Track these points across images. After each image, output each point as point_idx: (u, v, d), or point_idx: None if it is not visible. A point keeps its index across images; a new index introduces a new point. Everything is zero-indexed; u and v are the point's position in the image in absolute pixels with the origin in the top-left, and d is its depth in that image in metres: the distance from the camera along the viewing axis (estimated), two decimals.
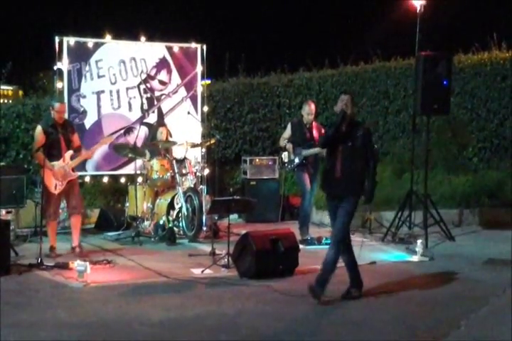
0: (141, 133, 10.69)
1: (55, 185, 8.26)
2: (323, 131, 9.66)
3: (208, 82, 13.04)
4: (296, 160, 9.35)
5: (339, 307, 6.28)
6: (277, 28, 23.49)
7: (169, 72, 11.00)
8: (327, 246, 8.98)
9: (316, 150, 9.20)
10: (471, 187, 11.21)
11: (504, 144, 12.19)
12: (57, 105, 8.38)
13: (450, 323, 5.81)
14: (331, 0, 24.13)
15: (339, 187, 6.52)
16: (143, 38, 10.91)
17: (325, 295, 6.39)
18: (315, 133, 9.44)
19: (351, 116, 6.67)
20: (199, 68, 11.12)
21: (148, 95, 10.91)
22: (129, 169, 10.52)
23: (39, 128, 8.33)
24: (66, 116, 10.19)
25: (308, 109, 9.40)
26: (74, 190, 8.43)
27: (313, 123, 9.54)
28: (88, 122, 10.47)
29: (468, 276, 7.52)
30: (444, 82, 9.44)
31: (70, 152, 8.35)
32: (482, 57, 12.49)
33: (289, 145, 9.45)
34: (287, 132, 9.55)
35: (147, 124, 10.87)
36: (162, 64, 10.97)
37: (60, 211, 9.74)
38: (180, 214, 9.71)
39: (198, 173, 10.08)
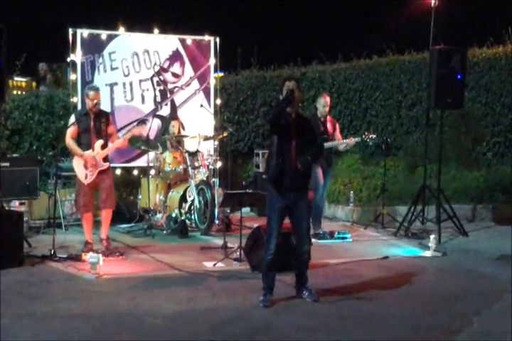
0: (153, 126, 10.69)
1: (85, 175, 8.10)
2: (337, 125, 9.64)
3: (221, 74, 13.02)
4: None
5: (350, 301, 6.26)
6: (290, 21, 23.40)
7: (182, 64, 10.99)
8: (340, 241, 9.09)
9: (329, 143, 9.17)
10: (485, 183, 11.17)
11: None
12: (91, 93, 8.15)
13: (463, 319, 5.80)
14: None
15: (295, 182, 6.20)
16: (156, 30, 10.89)
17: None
18: (329, 126, 9.40)
19: (298, 102, 6.41)
20: (212, 61, 11.10)
21: (162, 87, 10.91)
22: (141, 161, 10.53)
23: (72, 118, 8.25)
24: (79, 108, 10.30)
25: (324, 102, 9.35)
26: (105, 183, 8.22)
27: (327, 116, 9.50)
28: None
29: (481, 272, 7.49)
30: (458, 76, 9.37)
31: (101, 141, 8.15)
32: (497, 51, 12.42)
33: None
34: None
35: (160, 117, 10.88)
36: (175, 56, 10.96)
37: (73, 203, 9.81)
38: (192, 207, 9.71)
39: (210, 166, 10.08)
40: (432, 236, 8.40)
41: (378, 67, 13.59)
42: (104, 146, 8.20)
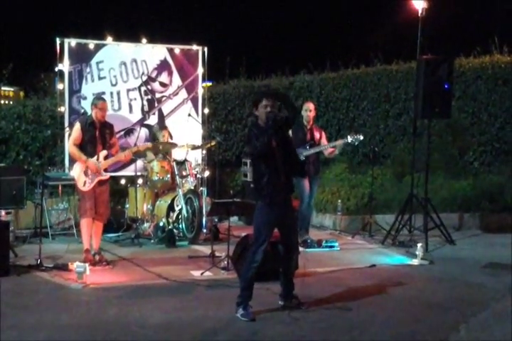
0: (141, 135, 10.69)
1: (84, 182, 8.10)
2: (323, 133, 9.67)
3: (209, 84, 13.03)
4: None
5: (337, 310, 6.25)
6: (279, 30, 23.51)
7: (170, 74, 11.00)
8: (327, 249, 9.09)
9: (317, 148, 9.23)
10: (472, 191, 11.21)
11: (505, 148, 12.20)
12: (100, 102, 8.21)
13: (450, 327, 5.81)
14: (332, 3, 24.14)
15: (285, 193, 6.21)
16: (144, 40, 10.91)
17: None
18: (316, 133, 9.44)
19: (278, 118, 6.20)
20: (200, 70, 11.12)
21: (149, 97, 10.91)
22: (129, 170, 10.51)
23: (77, 125, 8.21)
24: (66, 117, 10.28)
25: (307, 106, 9.37)
26: (104, 197, 8.24)
27: (314, 125, 9.53)
28: None
29: (468, 280, 7.50)
30: (446, 86, 9.43)
31: (105, 152, 8.18)
32: (483, 60, 12.52)
33: None
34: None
35: (148, 126, 10.87)
36: (163, 66, 10.97)
37: (62, 211, 9.80)
38: (180, 216, 9.69)
39: (198, 175, 10.08)
40: (419, 245, 8.42)
41: (366, 76, 13.64)
42: (106, 157, 8.22)
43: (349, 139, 9.29)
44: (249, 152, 6.28)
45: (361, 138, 9.37)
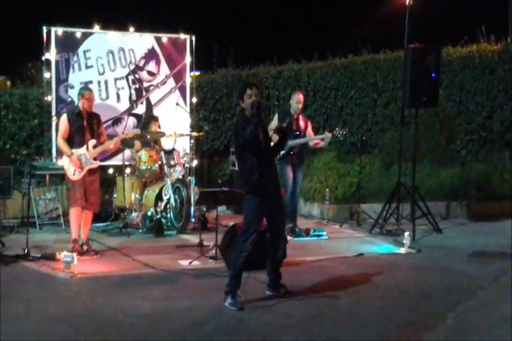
0: (129, 124, 10.66)
1: (73, 171, 8.07)
2: (309, 123, 9.67)
3: (197, 73, 12.99)
4: (282, 151, 9.33)
5: (325, 299, 6.28)
6: (267, 19, 23.43)
7: (158, 62, 10.95)
8: (315, 238, 9.13)
9: (302, 140, 9.24)
10: (459, 180, 11.26)
11: (492, 137, 12.26)
12: (86, 92, 8.20)
13: (437, 315, 5.85)
14: None
15: (273, 182, 6.26)
16: (131, 29, 10.85)
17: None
18: (301, 124, 9.44)
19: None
20: (188, 59, 11.08)
21: (137, 86, 10.86)
22: (117, 160, 10.47)
23: (64, 116, 8.19)
24: (53, 106, 10.23)
25: (297, 98, 9.39)
26: (94, 186, 8.20)
27: (300, 115, 9.54)
28: None
29: (455, 269, 7.55)
30: (433, 75, 9.45)
31: (93, 141, 8.15)
32: (471, 49, 12.54)
33: (275, 136, 9.41)
34: (274, 123, 9.47)
35: (135, 115, 10.83)
36: (151, 55, 10.92)
37: (49, 201, 9.77)
38: (168, 206, 9.69)
39: (186, 165, 10.07)
40: (406, 233, 8.46)
41: (354, 65, 13.64)
42: (95, 146, 8.20)
43: (335, 133, 9.33)
44: (236, 144, 6.27)
45: (346, 132, 9.43)
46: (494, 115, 12.22)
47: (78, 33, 10.45)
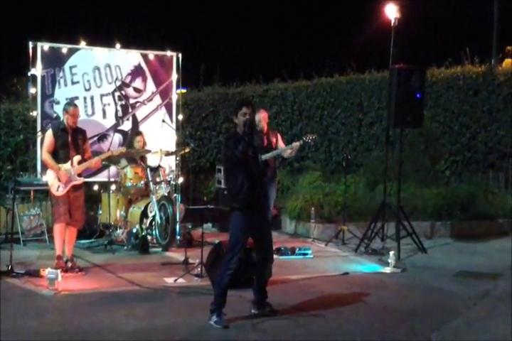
0: (115, 141, 10.64)
1: (57, 187, 8.03)
2: (279, 136, 9.73)
3: (184, 90, 13.02)
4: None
5: (310, 317, 6.26)
6: (253, 38, 23.54)
7: (144, 79, 10.98)
8: (301, 257, 9.11)
9: (274, 152, 9.27)
10: (443, 200, 11.30)
11: (476, 157, 12.36)
12: (71, 108, 8.17)
13: (421, 335, 5.84)
14: (306, 12, 24.27)
15: (260, 200, 6.20)
16: (118, 45, 10.88)
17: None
18: (272, 138, 9.56)
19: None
20: (174, 76, 11.12)
21: (123, 102, 10.88)
22: (102, 176, 10.44)
23: (49, 132, 8.16)
24: (39, 122, 10.19)
25: (258, 117, 9.35)
26: (78, 202, 8.17)
27: (269, 130, 9.62)
28: None
29: (440, 288, 7.56)
30: (418, 95, 9.51)
31: (78, 157, 8.12)
32: (455, 71, 12.69)
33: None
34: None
35: (121, 131, 10.82)
36: (137, 71, 10.95)
37: (33, 217, 9.70)
38: (153, 223, 9.65)
39: (172, 182, 10.05)
40: (391, 253, 8.48)
41: (339, 85, 13.73)
42: (80, 162, 8.16)
43: (305, 140, 9.32)
44: (226, 159, 6.29)
45: (315, 137, 9.40)
46: (478, 136, 12.35)
47: (64, 48, 10.47)
